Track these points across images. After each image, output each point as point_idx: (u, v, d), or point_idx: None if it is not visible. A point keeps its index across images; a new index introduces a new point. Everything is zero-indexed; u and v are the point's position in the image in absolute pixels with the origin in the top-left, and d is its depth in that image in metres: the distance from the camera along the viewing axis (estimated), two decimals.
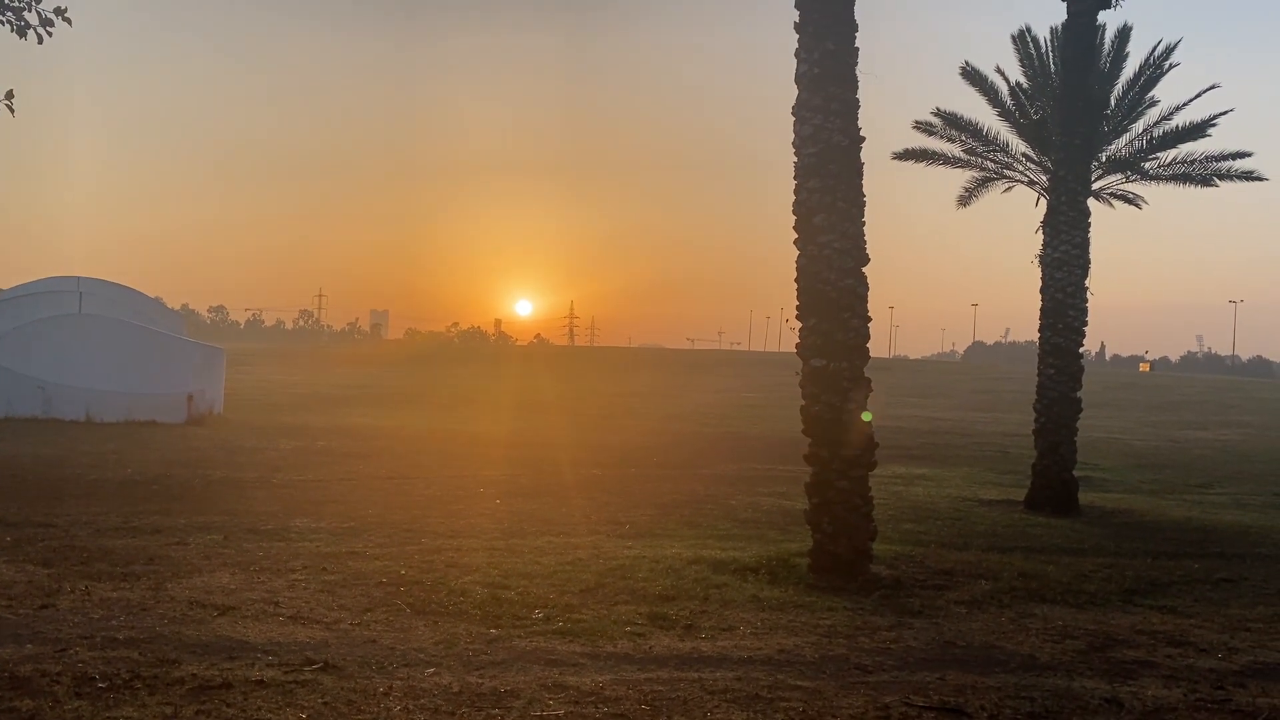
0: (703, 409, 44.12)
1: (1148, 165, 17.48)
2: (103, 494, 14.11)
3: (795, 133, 10.15)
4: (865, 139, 10.12)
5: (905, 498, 16.53)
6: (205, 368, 28.38)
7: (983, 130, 17.86)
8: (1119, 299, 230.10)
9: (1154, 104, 17.47)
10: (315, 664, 6.36)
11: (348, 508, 13.53)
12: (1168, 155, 17.33)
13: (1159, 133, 17.28)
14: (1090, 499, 16.79)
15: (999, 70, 17.96)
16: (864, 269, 10.08)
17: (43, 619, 7.33)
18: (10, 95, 9.17)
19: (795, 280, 10.16)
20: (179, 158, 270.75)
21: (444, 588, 8.74)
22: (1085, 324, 16.52)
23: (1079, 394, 16.53)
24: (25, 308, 28.81)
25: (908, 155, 18.26)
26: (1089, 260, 16.43)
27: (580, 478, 18.13)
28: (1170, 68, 17.35)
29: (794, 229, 10.15)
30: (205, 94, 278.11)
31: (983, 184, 18.67)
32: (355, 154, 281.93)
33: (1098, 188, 17.45)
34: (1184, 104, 17.19)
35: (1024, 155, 17.90)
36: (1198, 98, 17.27)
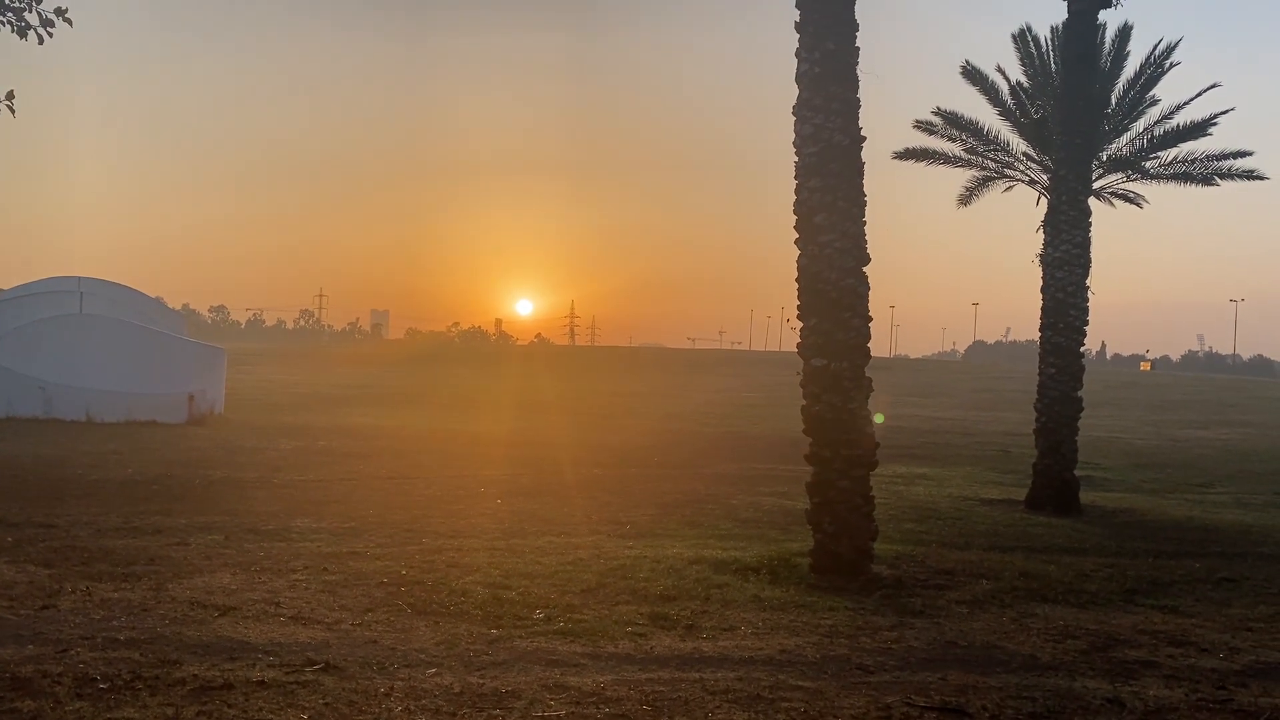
0: (704, 408, 44.10)
1: (1148, 164, 17.47)
2: (104, 494, 14.11)
3: (796, 132, 10.15)
4: (866, 138, 10.12)
5: (906, 497, 16.52)
6: (206, 368, 28.37)
7: (983, 129, 17.87)
8: (1120, 298, 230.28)
9: (1155, 103, 17.47)
10: (316, 664, 6.35)
11: (349, 508, 13.53)
12: (1168, 154, 17.33)
13: (1160, 132, 17.28)
14: (1091, 498, 16.78)
15: (999, 69, 17.98)
16: (865, 268, 10.07)
17: (44, 619, 7.33)
18: (11, 96, 9.18)
19: (796, 280, 10.15)
20: (180, 158, 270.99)
21: (445, 588, 8.74)
22: (1086, 323, 16.51)
23: (1080, 393, 16.52)
24: (26, 308, 28.82)
25: (908, 154, 18.25)
26: (1090, 259, 16.42)
27: (581, 477, 18.12)
28: (1171, 67, 17.36)
29: (795, 228, 10.14)
30: (206, 94, 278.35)
31: (983, 183, 18.67)
32: (356, 154, 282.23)
33: (1098, 187, 17.44)
34: (1185, 103, 17.20)
35: (1025, 154, 17.90)
36: (1198, 97, 17.29)
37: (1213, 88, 17.39)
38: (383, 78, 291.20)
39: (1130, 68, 17.45)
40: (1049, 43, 17.53)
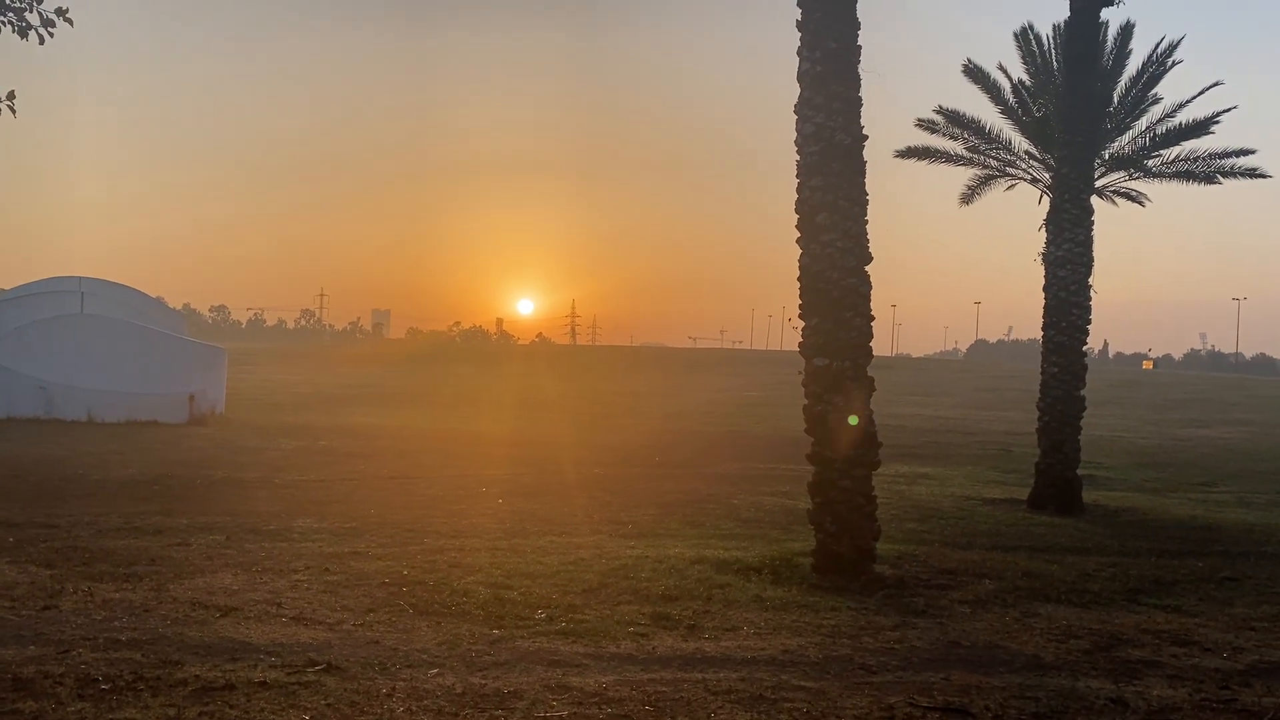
0: (705, 408, 44.09)
1: (1151, 163, 17.45)
2: (105, 494, 14.11)
3: (797, 131, 10.12)
4: (868, 137, 10.10)
5: (908, 497, 16.51)
6: (207, 367, 28.37)
7: (985, 128, 17.84)
8: (1122, 296, 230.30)
9: (1157, 101, 17.44)
10: (318, 665, 6.34)
11: (350, 508, 13.52)
12: (1171, 152, 17.30)
13: (1162, 130, 17.25)
14: (1094, 497, 16.75)
15: (1001, 68, 17.96)
16: (866, 267, 10.05)
17: (45, 620, 7.32)
18: (12, 96, 9.15)
19: (798, 279, 10.13)
20: (181, 157, 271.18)
21: (447, 588, 8.72)
22: (1088, 322, 16.49)
23: (1082, 392, 16.49)
24: (27, 308, 28.84)
25: (910, 153, 18.23)
26: (1092, 258, 16.39)
27: (582, 477, 18.11)
28: (1173, 65, 17.33)
29: (796, 228, 10.12)
30: (207, 93, 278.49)
31: (985, 182, 18.65)
32: (357, 153, 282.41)
33: (1101, 185, 17.42)
34: (1187, 101, 17.18)
35: (1027, 153, 17.87)
36: (1201, 95, 17.26)
37: (1215, 86, 17.38)
38: (384, 77, 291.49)
39: (1132, 66, 17.44)
40: (1051, 41, 17.51)
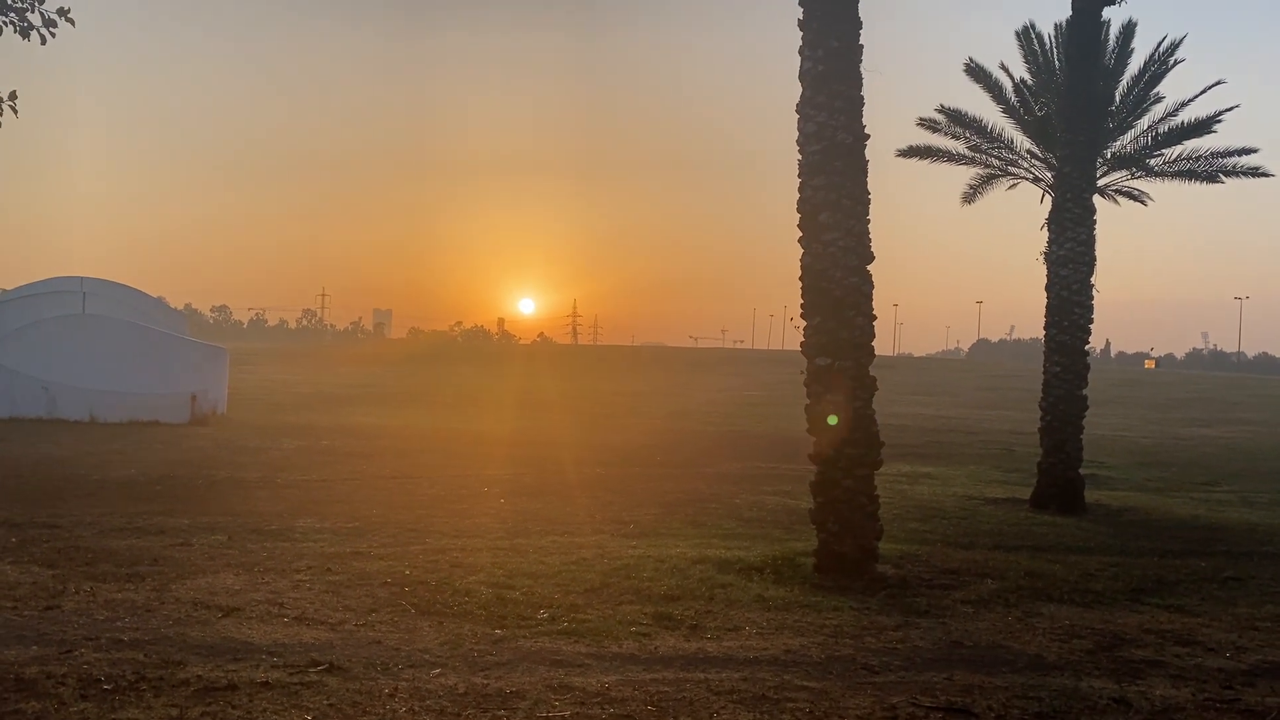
0: (706, 407, 44.09)
1: (1153, 162, 17.44)
2: (106, 494, 14.12)
3: (799, 130, 10.11)
4: (870, 136, 10.09)
5: (910, 496, 16.50)
6: (208, 367, 28.39)
7: (987, 127, 17.83)
8: (1124, 296, 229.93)
9: (1159, 100, 17.43)
10: (320, 665, 6.34)
11: (352, 508, 13.52)
12: (1173, 151, 17.30)
13: (1164, 129, 17.25)
14: (1096, 497, 16.74)
15: (1003, 67, 17.94)
16: (868, 267, 10.04)
17: (48, 620, 7.32)
18: (14, 96, 9.15)
19: (800, 278, 10.12)
20: (181, 157, 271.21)
21: (449, 588, 8.72)
22: (1091, 321, 16.48)
23: (1085, 391, 16.47)
24: (29, 308, 28.86)
25: (912, 152, 18.21)
26: (1094, 257, 16.38)
27: (584, 477, 18.10)
28: (1175, 64, 17.32)
29: (798, 227, 10.11)
30: (208, 93, 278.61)
31: (987, 181, 18.63)
32: (358, 153, 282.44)
33: (1103, 184, 17.40)
34: (1189, 100, 17.17)
35: (1029, 152, 17.85)
36: (1203, 94, 17.25)
37: (1217, 85, 17.37)
38: (386, 77, 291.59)
39: (1134, 65, 17.43)
40: (1053, 40, 17.50)
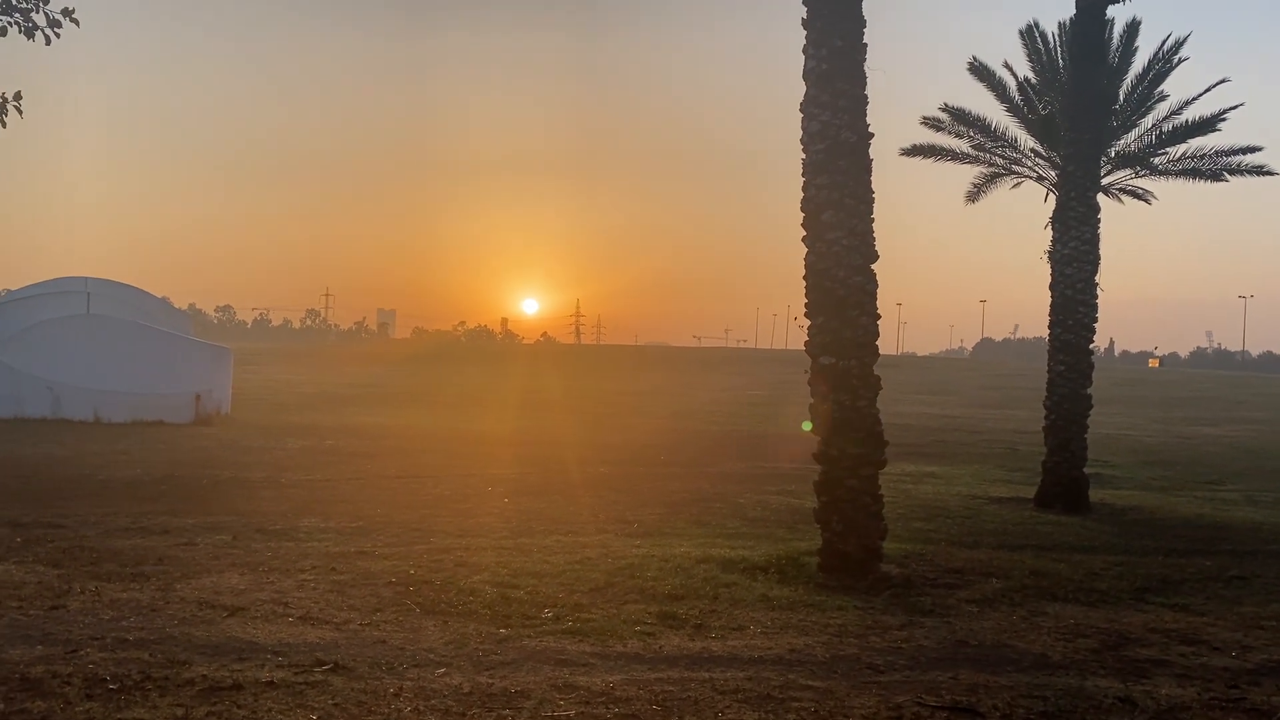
0: (710, 407, 44.07)
1: (1157, 160, 17.41)
2: (111, 494, 14.13)
3: (803, 129, 10.09)
4: (874, 135, 10.07)
5: (915, 496, 16.48)
6: (212, 367, 28.42)
7: (991, 126, 17.81)
8: (1128, 295, 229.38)
9: (1163, 99, 17.39)
10: (325, 665, 6.34)
11: (356, 507, 13.53)
12: (1177, 150, 17.26)
13: (1168, 127, 17.20)
14: (1101, 496, 16.71)
15: (1007, 65, 17.91)
16: (872, 266, 10.04)
17: (53, 620, 7.33)
18: (19, 96, 9.17)
19: (803, 278, 10.10)
20: (185, 157, 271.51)
21: (453, 587, 8.72)
22: (1095, 320, 16.45)
23: (1089, 390, 16.45)
24: (34, 308, 28.89)
25: (916, 151, 18.20)
26: (1099, 256, 16.35)
27: (588, 476, 18.11)
28: (1179, 62, 17.28)
29: (802, 226, 10.09)
30: (212, 93, 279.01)
31: (991, 180, 18.62)
32: (362, 153, 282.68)
33: (1107, 183, 17.37)
34: (1194, 98, 17.12)
35: (1032, 151, 17.83)
36: (1207, 92, 17.18)
37: (1221, 83, 17.30)
38: (390, 77, 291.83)
39: (1138, 63, 17.39)
40: (1056, 39, 17.47)
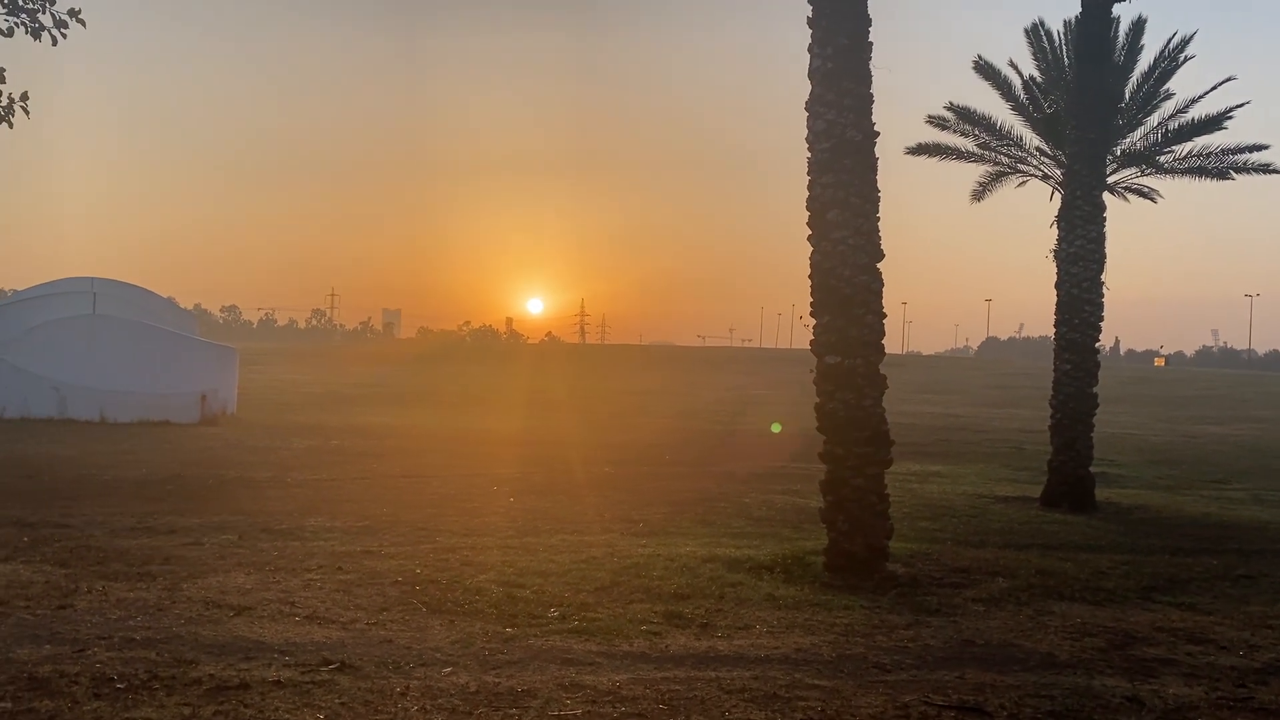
0: (714, 406, 44.06)
1: (1163, 159, 17.39)
2: (118, 494, 14.16)
3: (808, 128, 10.08)
4: (879, 134, 10.06)
5: (920, 495, 16.46)
6: (218, 367, 28.46)
7: (996, 124, 17.81)
8: (1134, 293, 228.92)
9: (1169, 97, 17.38)
10: (332, 664, 6.35)
11: (362, 506, 13.54)
12: (1183, 148, 17.26)
13: (1174, 126, 17.19)
14: (1107, 495, 16.68)
15: (1012, 64, 17.92)
16: (878, 265, 10.03)
17: (60, 619, 7.34)
18: (25, 97, 9.19)
19: (809, 276, 10.10)
20: (191, 158, 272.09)
21: (459, 586, 8.73)
22: (1101, 319, 16.43)
23: (1095, 389, 16.43)
24: (40, 309, 28.95)
25: (921, 150, 18.19)
26: (1104, 254, 16.33)
27: (593, 475, 18.11)
28: (1185, 60, 17.27)
29: (807, 225, 10.09)
30: (217, 94, 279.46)
31: (996, 178, 18.60)
32: (367, 153, 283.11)
33: (1113, 181, 17.35)
34: (1199, 97, 17.10)
35: (1038, 149, 17.82)
36: (1213, 90, 17.18)
37: (1228, 81, 17.28)
38: (394, 77, 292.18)
39: (1144, 62, 17.39)
40: (1062, 37, 17.46)
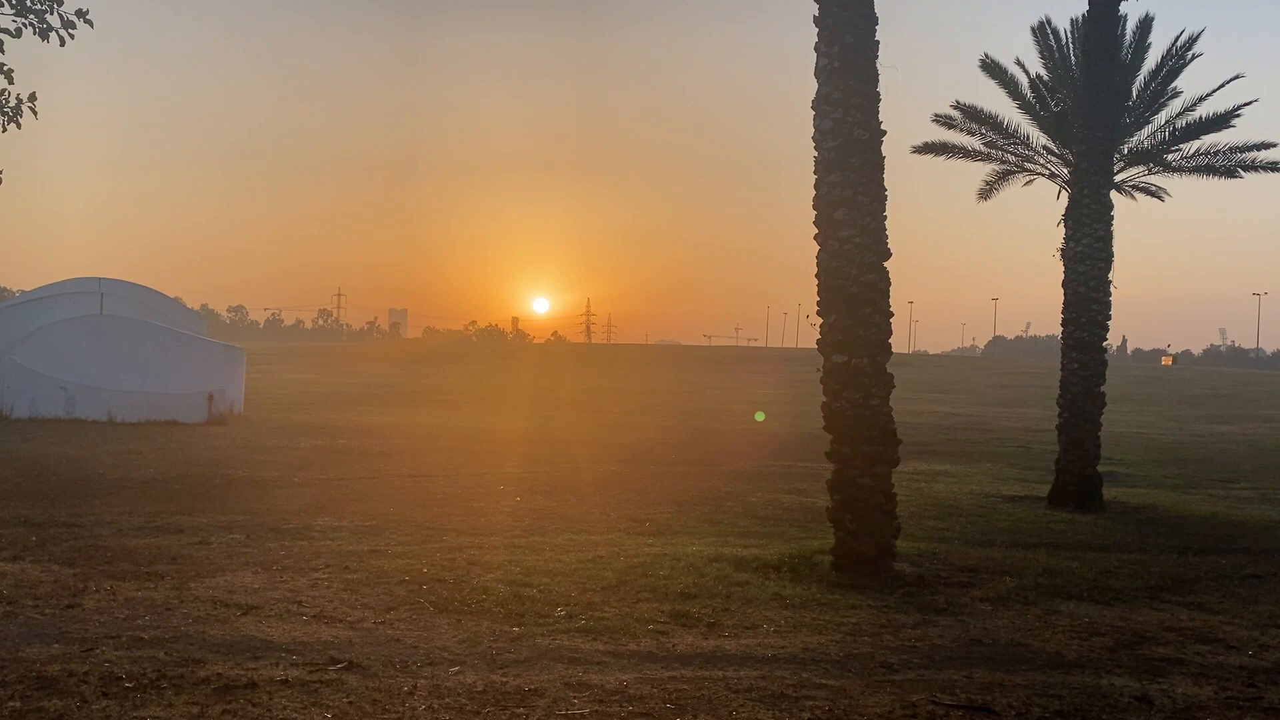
0: (720, 405, 44.04)
1: (1170, 157, 17.33)
2: (125, 493, 14.20)
3: (815, 127, 10.07)
4: (886, 132, 10.04)
5: (927, 494, 16.44)
6: (225, 367, 28.53)
7: (1003, 123, 17.75)
8: (1141, 292, 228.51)
9: (1176, 95, 17.32)
10: (339, 663, 6.36)
11: (369, 506, 13.56)
12: (1190, 147, 17.19)
13: (1182, 124, 17.13)
14: (1114, 494, 16.64)
15: (1019, 62, 17.86)
16: (885, 264, 10.01)
17: (69, 618, 7.37)
18: (33, 98, 9.23)
19: (816, 276, 10.09)
20: (198, 158, 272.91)
21: (466, 585, 8.73)
22: (1108, 318, 16.39)
23: (1102, 388, 16.39)
24: (48, 309, 29.02)
25: (927, 149, 18.14)
26: (1112, 253, 16.29)
27: (599, 475, 18.11)
28: (1193, 58, 17.19)
29: (814, 224, 10.08)
30: (223, 94, 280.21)
31: (1003, 177, 18.54)
32: (374, 154, 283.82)
33: (1120, 180, 17.29)
34: (1207, 95, 17.03)
35: (1045, 148, 17.76)
36: (1221, 88, 17.10)
37: (1235, 79, 17.23)
38: (401, 77, 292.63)
39: (1151, 60, 17.32)
40: (1069, 35, 17.40)
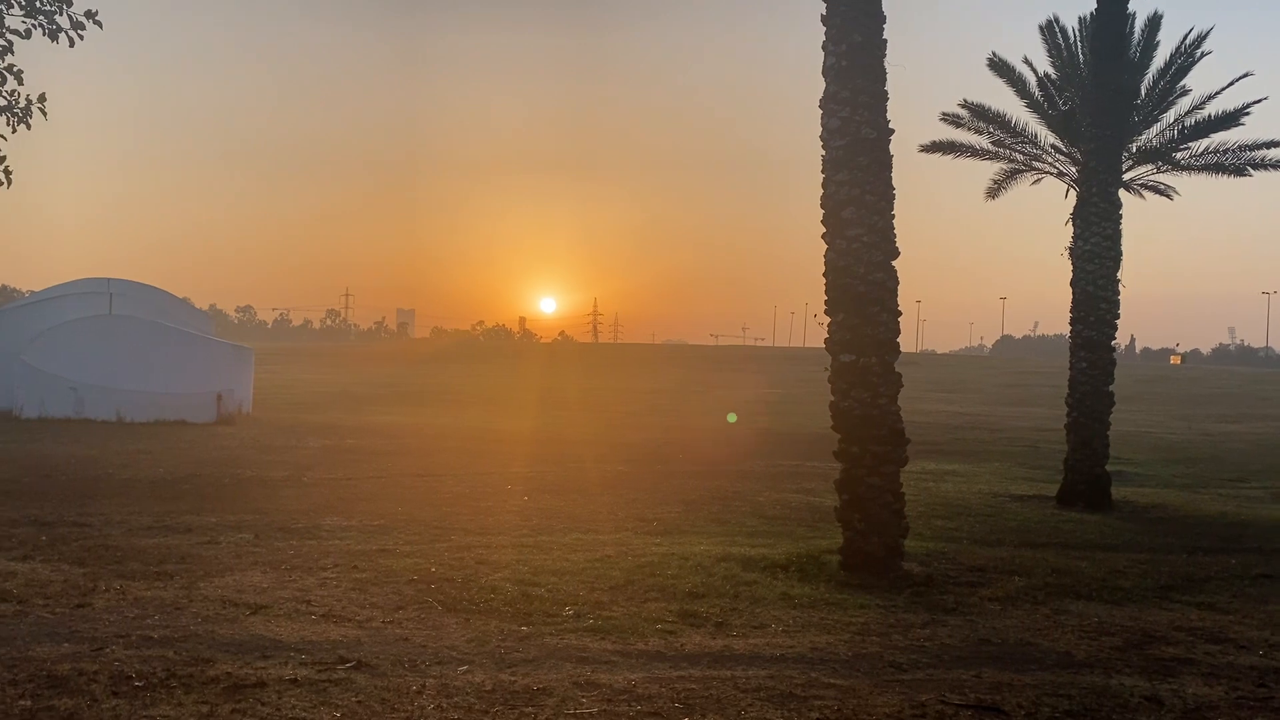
0: (727, 405, 44.01)
1: (1179, 155, 17.28)
2: (135, 493, 14.24)
3: (823, 126, 10.06)
4: (894, 131, 10.03)
5: (936, 494, 16.41)
6: (234, 367, 28.59)
7: (1011, 122, 17.72)
8: (1150, 291, 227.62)
9: (1185, 93, 17.26)
10: (348, 662, 6.36)
11: (377, 505, 13.58)
12: (1199, 145, 17.15)
13: (1190, 122, 17.07)
14: (1123, 494, 16.59)
15: (1027, 61, 17.84)
16: (893, 263, 9.99)
17: (79, 618, 7.39)
18: (43, 99, 9.26)
19: (823, 275, 10.08)
20: (206, 159, 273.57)
21: (474, 585, 8.74)
22: (1117, 316, 16.34)
23: (1111, 388, 16.34)
24: (57, 309, 29.12)
25: (935, 148, 18.13)
26: (1120, 252, 16.25)
27: (606, 474, 18.11)
28: (1202, 56, 17.14)
29: (822, 223, 10.07)
30: (231, 94, 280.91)
31: (1011, 176, 18.52)
32: (382, 153, 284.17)
33: (1128, 179, 17.25)
34: (1216, 93, 16.99)
35: (1053, 147, 17.73)
36: (1230, 86, 17.05)
37: (1245, 77, 17.17)
38: (409, 77, 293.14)
39: (1160, 58, 17.27)
40: (1077, 34, 17.36)
